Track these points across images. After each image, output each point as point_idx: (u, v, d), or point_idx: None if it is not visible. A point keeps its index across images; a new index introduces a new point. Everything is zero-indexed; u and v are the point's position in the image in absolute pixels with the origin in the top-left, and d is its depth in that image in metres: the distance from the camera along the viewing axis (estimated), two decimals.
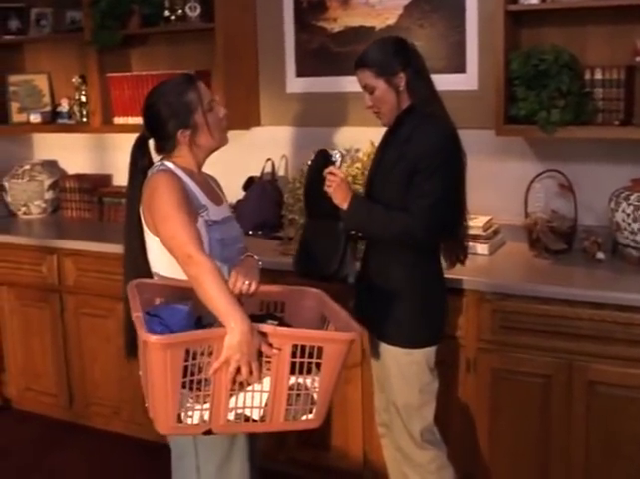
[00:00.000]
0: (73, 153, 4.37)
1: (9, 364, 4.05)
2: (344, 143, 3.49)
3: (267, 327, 2.00)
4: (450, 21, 3.23)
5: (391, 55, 2.51)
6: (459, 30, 3.21)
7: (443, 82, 3.20)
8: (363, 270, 2.67)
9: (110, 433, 3.77)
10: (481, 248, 3.07)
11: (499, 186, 3.27)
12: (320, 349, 1.97)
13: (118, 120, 3.87)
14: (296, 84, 3.62)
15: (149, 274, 2.32)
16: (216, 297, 1.98)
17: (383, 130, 3.36)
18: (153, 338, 1.88)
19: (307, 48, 3.55)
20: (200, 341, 1.93)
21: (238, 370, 1.95)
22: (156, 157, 2.37)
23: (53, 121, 4.20)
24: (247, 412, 2.00)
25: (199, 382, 1.96)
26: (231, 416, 1.99)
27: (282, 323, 2.19)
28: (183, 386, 1.93)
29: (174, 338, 1.92)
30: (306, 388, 2.02)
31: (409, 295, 2.51)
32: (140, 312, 2.00)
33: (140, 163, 2.35)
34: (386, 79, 2.49)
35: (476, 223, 3.09)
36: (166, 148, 2.30)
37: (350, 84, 3.38)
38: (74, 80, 4.07)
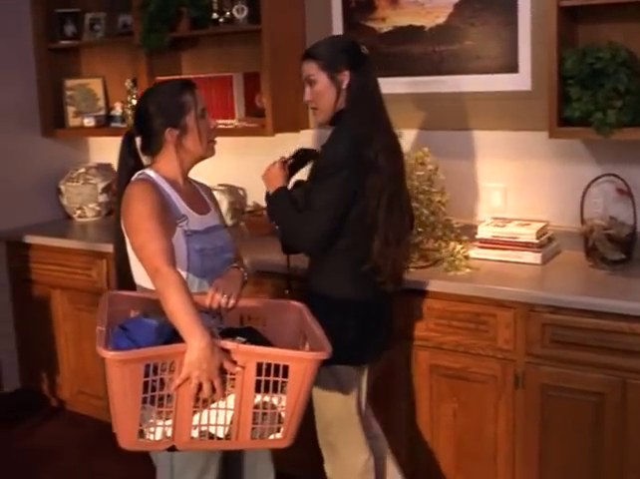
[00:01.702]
0: None
1: (62, 367, 4.09)
2: None
3: (229, 344, 1.94)
4: (502, 19, 3.09)
5: (340, 51, 2.48)
6: (511, 28, 3.07)
7: (495, 82, 3.14)
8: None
9: None
10: (533, 257, 2.93)
11: (554, 191, 3.12)
12: (286, 367, 1.92)
13: None
14: None
15: (134, 285, 2.29)
16: (177, 311, 1.94)
17: (433, 134, 3.31)
18: (109, 354, 1.85)
19: None
20: (159, 357, 1.89)
21: (200, 387, 1.90)
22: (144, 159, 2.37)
23: (107, 124, 4.22)
24: (212, 430, 1.96)
25: (162, 398, 1.92)
26: (195, 433, 1.95)
27: (259, 338, 2.11)
28: (147, 401, 1.89)
29: (130, 354, 1.88)
30: (273, 407, 1.96)
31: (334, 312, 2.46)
32: (104, 326, 1.98)
33: (128, 162, 2.34)
34: (329, 74, 2.46)
35: (528, 230, 2.96)
36: (151, 147, 2.29)
37: (400, 85, 3.33)
38: (126, 84, 4.08)
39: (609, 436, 2.57)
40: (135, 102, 4.00)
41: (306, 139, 3.67)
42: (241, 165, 3.85)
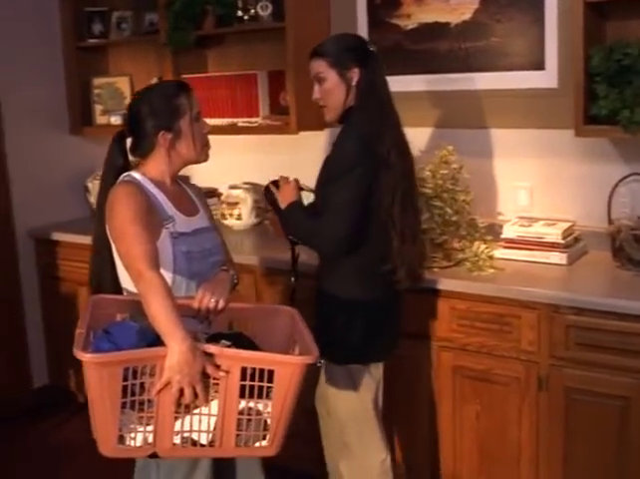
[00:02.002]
0: None
1: None
2: (419, 144, 3.35)
3: (213, 348, 1.89)
4: (528, 15, 3.04)
5: (349, 49, 2.47)
6: (538, 24, 3.01)
7: (521, 79, 3.09)
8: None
9: None
10: (559, 258, 2.87)
11: (581, 190, 3.06)
12: (272, 372, 1.87)
13: None
14: None
15: (118, 288, 2.27)
16: (158, 315, 1.90)
17: (457, 132, 3.27)
18: (86, 356, 1.81)
19: (380, 46, 3.37)
20: (139, 360, 1.85)
21: (182, 392, 1.86)
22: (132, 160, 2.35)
23: None
24: (194, 436, 1.91)
25: (143, 403, 1.86)
26: (177, 439, 1.90)
27: (246, 342, 2.08)
28: (127, 406, 1.85)
29: (108, 357, 1.84)
30: (258, 413, 1.91)
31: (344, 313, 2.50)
32: (84, 328, 1.95)
33: (116, 162, 2.30)
34: (339, 71, 2.45)
35: (554, 230, 2.91)
36: (141, 149, 2.26)
37: (425, 83, 3.30)
38: (153, 82, 4.09)
39: (635, 440, 2.51)
40: None
41: (330, 136, 3.65)
42: (266, 163, 3.84)
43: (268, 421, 1.92)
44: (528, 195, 3.19)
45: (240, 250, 3.46)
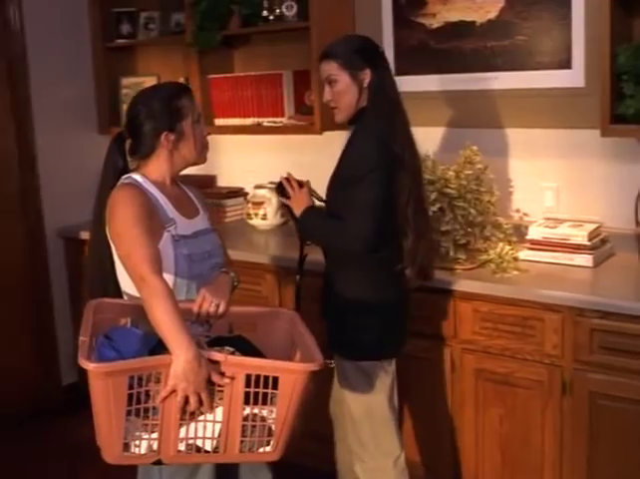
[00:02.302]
0: None
1: None
2: (443, 144, 3.34)
3: (217, 355, 1.88)
4: (555, 13, 2.99)
5: (359, 50, 2.48)
6: (564, 22, 2.96)
7: (547, 79, 3.05)
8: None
9: None
10: (585, 260, 2.82)
11: (608, 191, 3.01)
12: (276, 379, 1.87)
13: (219, 121, 3.85)
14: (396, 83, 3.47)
15: (118, 292, 2.26)
16: (163, 321, 1.89)
17: (482, 132, 3.23)
18: (91, 366, 1.80)
19: (406, 45, 3.40)
20: (144, 369, 1.84)
21: (187, 399, 1.86)
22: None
23: None
24: (199, 443, 1.90)
25: (148, 410, 1.86)
26: (182, 447, 1.90)
27: (248, 347, 2.07)
28: (132, 413, 1.84)
29: (114, 366, 1.83)
30: (262, 419, 1.90)
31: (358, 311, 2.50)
32: (87, 336, 1.93)
33: (116, 163, 2.29)
34: (351, 73, 2.46)
35: (579, 231, 2.86)
36: (141, 150, 2.25)
37: (450, 82, 3.27)
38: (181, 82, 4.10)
39: None
40: None
41: None
42: (291, 163, 3.81)
43: (272, 427, 1.91)
44: (555, 195, 3.14)
45: (265, 250, 3.47)
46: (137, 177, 2.24)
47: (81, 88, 4.27)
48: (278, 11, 3.55)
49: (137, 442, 1.88)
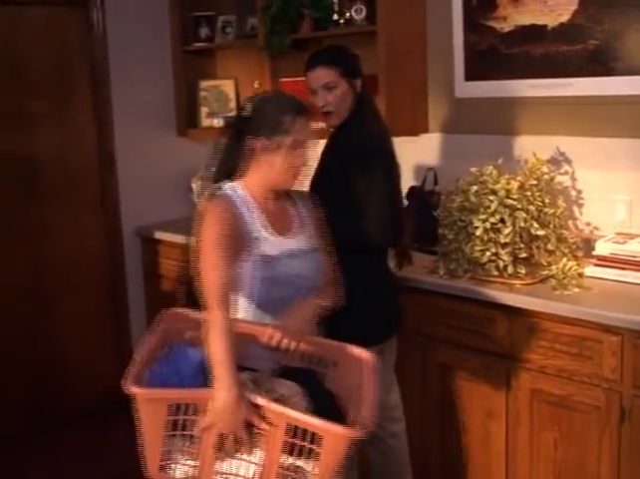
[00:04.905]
0: None
1: None
2: (511, 153, 3.21)
3: (260, 400, 1.84)
4: (630, 16, 2.81)
5: (352, 58, 2.72)
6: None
7: (621, 85, 2.88)
8: None
9: None
10: None
11: None
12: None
13: None
14: (465, 88, 3.37)
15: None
16: (214, 354, 1.87)
17: (551, 140, 3.10)
18: (133, 390, 1.85)
19: (476, 50, 3.28)
20: (182, 399, 1.86)
21: (224, 436, 1.85)
22: None
23: None
24: None
25: (190, 437, 1.88)
26: None
27: (313, 385, 2.00)
28: (176, 436, 1.87)
29: (153, 394, 1.88)
30: (302, 471, 1.84)
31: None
32: (141, 356, 1.98)
33: (229, 161, 2.20)
34: (348, 80, 2.64)
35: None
36: (243, 153, 2.16)
37: (520, 88, 3.15)
38: (255, 85, 4.12)
39: None
40: None
41: (423, 143, 3.56)
42: None
43: None
44: (627, 209, 2.96)
45: None
46: (232, 187, 2.17)
47: (160, 90, 4.36)
48: (348, 15, 3.50)
49: (173, 466, 1.91)
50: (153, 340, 2.04)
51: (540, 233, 2.79)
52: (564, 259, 2.81)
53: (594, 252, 2.84)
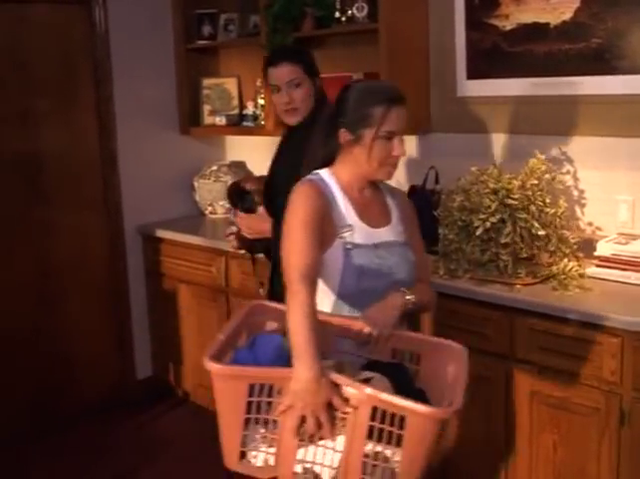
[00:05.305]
0: (261, 154, 4.41)
1: (186, 359, 4.21)
2: (512, 152, 3.19)
3: (342, 379, 1.73)
4: (634, 15, 2.78)
5: (313, 58, 2.75)
6: None
7: (624, 84, 2.84)
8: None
9: None
10: None
11: None
12: (404, 418, 1.67)
13: None
14: (467, 87, 3.34)
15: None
16: (294, 333, 1.78)
17: (552, 140, 3.07)
18: (210, 366, 1.75)
19: (478, 48, 3.26)
20: (262, 378, 1.76)
21: (304, 419, 1.74)
22: None
23: (238, 124, 4.27)
24: (317, 469, 1.77)
25: (268, 422, 1.77)
26: (298, 468, 1.77)
27: (402, 380, 1.88)
28: (253, 422, 1.77)
29: (232, 370, 1.80)
30: (385, 459, 1.71)
31: None
32: (225, 335, 1.89)
33: (324, 149, 2.15)
34: (312, 78, 2.69)
35: None
36: (333, 142, 2.11)
37: (522, 87, 3.12)
38: (257, 83, 4.11)
39: None
40: (262, 101, 4.04)
41: (425, 141, 3.54)
42: None
43: (396, 471, 1.72)
44: (629, 209, 2.93)
45: None
46: (324, 174, 2.13)
47: (163, 88, 4.35)
48: (350, 12, 3.48)
49: (254, 453, 1.81)
50: (234, 326, 1.95)
51: (541, 233, 2.77)
52: (565, 260, 2.79)
53: (596, 253, 2.82)
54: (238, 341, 1.97)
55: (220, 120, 4.21)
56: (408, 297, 2.07)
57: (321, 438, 1.76)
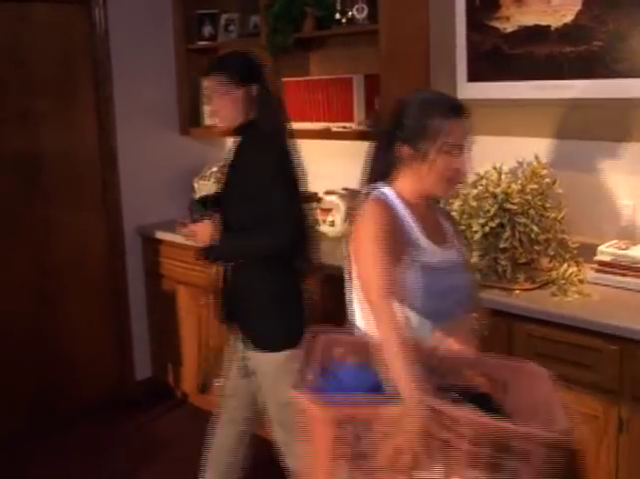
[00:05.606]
0: None
1: (185, 361, 4.19)
2: (512, 155, 3.15)
3: (444, 407, 1.60)
4: (635, 17, 2.76)
5: (249, 65, 2.72)
6: None
7: (625, 88, 2.81)
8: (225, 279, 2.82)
9: None
10: None
11: None
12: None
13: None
14: (467, 90, 3.31)
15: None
16: (391, 361, 1.69)
17: (553, 143, 3.04)
18: (313, 407, 1.65)
19: (479, 50, 3.23)
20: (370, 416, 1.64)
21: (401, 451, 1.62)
22: None
23: None
24: None
25: (361, 456, 1.66)
26: None
27: (491, 407, 1.77)
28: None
29: (337, 412, 1.65)
30: None
31: (272, 305, 2.68)
32: (312, 374, 1.79)
33: (379, 166, 2.08)
34: (242, 87, 2.65)
35: None
36: (392, 157, 2.03)
37: (523, 90, 3.10)
38: None
39: None
40: None
41: None
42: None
43: None
44: (631, 214, 2.91)
45: (332, 258, 3.38)
46: (386, 190, 2.04)
47: (163, 89, 4.33)
48: (350, 14, 3.46)
49: None
50: (312, 363, 1.85)
51: (541, 237, 2.75)
52: (565, 265, 2.77)
53: (596, 258, 2.79)
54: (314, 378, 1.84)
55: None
56: (476, 321, 2.05)
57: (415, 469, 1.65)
